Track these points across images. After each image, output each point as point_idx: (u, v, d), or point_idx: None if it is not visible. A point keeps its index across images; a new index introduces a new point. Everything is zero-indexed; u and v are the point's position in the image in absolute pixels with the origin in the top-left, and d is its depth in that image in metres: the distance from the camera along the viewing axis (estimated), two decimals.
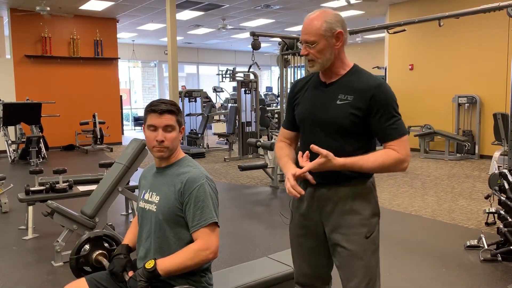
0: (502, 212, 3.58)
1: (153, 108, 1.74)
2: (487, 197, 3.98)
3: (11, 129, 9.19)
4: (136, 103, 18.06)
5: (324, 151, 1.59)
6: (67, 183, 4.16)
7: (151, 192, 1.81)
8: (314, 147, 1.61)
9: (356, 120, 1.65)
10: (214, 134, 12.34)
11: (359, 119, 1.65)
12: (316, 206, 1.74)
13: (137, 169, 3.68)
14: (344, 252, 1.70)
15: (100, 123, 10.73)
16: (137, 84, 18.18)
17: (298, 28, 13.30)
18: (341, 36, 1.67)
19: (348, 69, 1.73)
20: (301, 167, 1.67)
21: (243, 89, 9.57)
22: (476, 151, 8.66)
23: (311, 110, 1.74)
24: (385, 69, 10.68)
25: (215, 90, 13.56)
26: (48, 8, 9.33)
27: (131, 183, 4.24)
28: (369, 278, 1.70)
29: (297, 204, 1.81)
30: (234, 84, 12.50)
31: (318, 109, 1.72)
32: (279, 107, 12.18)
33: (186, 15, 11.19)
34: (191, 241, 1.71)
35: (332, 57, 1.68)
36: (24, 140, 8.50)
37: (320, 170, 1.63)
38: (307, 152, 1.66)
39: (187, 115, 10.48)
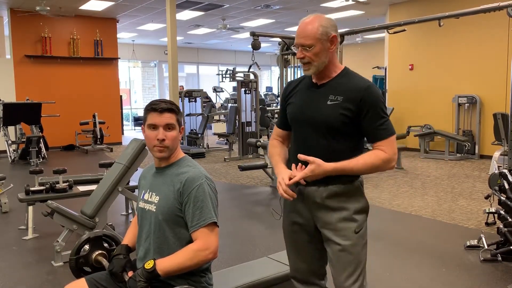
0: (502, 212, 3.57)
1: (154, 106, 1.75)
2: (487, 197, 3.98)
3: (11, 129, 9.19)
4: (136, 103, 18.06)
5: (311, 158, 1.65)
6: (67, 183, 4.16)
7: (150, 192, 1.81)
8: (301, 156, 1.68)
9: (346, 120, 1.71)
10: (214, 134, 12.33)
11: (349, 119, 1.71)
12: (306, 203, 1.79)
13: (137, 169, 3.68)
14: (335, 246, 1.75)
15: (100, 123, 10.73)
16: (137, 84, 18.18)
17: None
18: (335, 40, 1.75)
19: (339, 72, 1.80)
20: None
21: (243, 89, 9.57)
22: (476, 151, 8.66)
23: (302, 109, 1.80)
24: (385, 69, 10.68)
25: (215, 90, 13.56)
26: (48, 8, 9.33)
27: (131, 183, 4.23)
28: (358, 273, 1.76)
29: (288, 202, 1.84)
30: (234, 84, 12.49)
31: (309, 109, 1.78)
32: (279, 107, 12.17)
33: (186, 15, 11.19)
34: (191, 241, 1.71)
35: (326, 60, 1.75)
36: (24, 140, 8.49)
37: (313, 177, 1.68)
38: (300, 163, 1.71)
39: (187, 115, 10.48)
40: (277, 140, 1.97)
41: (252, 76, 9.78)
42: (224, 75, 10.69)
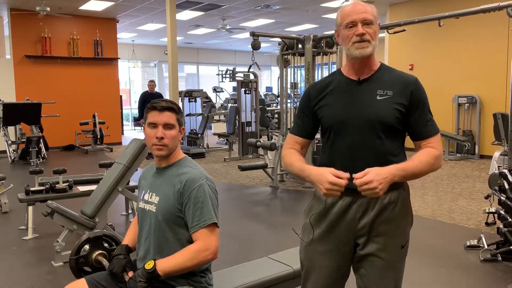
0: (502, 212, 3.57)
1: (154, 105, 1.76)
2: (487, 197, 3.98)
3: (11, 129, 9.18)
4: (136, 103, 18.04)
5: (366, 170, 1.45)
6: (67, 183, 4.16)
7: (150, 193, 1.81)
8: (357, 176, 1.45)
9: (400, 116, 1.59)
10: (214, 134, 12.33)
11: (402, 115, 1.59)
12: (353, 216, 1.61)
13: (137, 169, 3.69)
14: (378, 262, 1.61)
15: (100, 123, 10.73)
16: (137, 84, 18.17)
17: (298, 28, 13.29)
18: (379, 29, 1.64)
19: (378, 65, 1.67)
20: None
21: (243, 89, 9.57)
22: (476, 151, 8.66)
23: (347, 110, 1.61)
24: None
25: (215, 90, 13.56)
26: (48, 8, 9.33)
27: (131, 183, 4.24)
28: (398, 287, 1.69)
29: (321, 217, 1.66)
30: (234, 84, 12.49)
31: (356, 108, 1.60)
32: (279, 107, 12.18)
33: (186, 15, 11.19)
34: (191, 241, 1.71)
35: (377, 45, 1.61)
36: (24, 140, 8.49)
37: (383, 183, 1.44)
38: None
39: (187, 115, 10.48)
40: (294, 149, 1.72)
41: (252, 76, 9.78)
42: (224, 75, 10.69)
